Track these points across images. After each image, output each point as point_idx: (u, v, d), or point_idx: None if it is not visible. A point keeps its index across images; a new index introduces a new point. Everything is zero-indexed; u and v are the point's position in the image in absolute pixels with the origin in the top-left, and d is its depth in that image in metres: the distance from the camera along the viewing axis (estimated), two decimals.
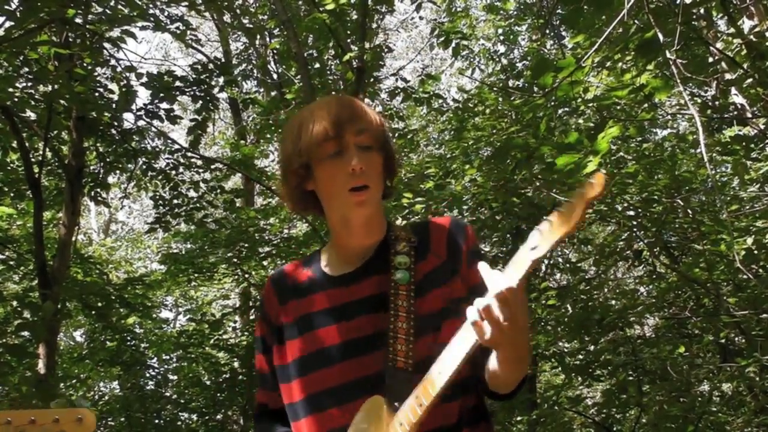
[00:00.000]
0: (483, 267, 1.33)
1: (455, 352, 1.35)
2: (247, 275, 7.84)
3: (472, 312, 1.31)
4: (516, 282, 1.28)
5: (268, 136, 9.57)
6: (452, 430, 1.47)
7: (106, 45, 6.20)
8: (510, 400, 1.59)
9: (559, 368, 6.62)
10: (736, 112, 5.30)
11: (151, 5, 6.12)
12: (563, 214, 1.26)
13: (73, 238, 6.84)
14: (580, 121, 6.43)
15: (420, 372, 1.41)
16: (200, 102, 7.03)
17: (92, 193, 7.26)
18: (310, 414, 1.53)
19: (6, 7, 4.65)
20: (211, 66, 7.40)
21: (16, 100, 5.34)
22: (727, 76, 4.94)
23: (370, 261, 1.59)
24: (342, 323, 1.54)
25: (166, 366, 8.72)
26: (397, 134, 8.86)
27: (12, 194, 7.35)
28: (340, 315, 1.55)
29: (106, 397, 9.55)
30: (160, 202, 7.46)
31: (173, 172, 7.39)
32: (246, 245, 7.20)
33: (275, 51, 9.88)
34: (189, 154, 7.45)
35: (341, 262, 1.61)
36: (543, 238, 1.27)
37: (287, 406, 1.58)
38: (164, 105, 6.67)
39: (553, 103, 4.30)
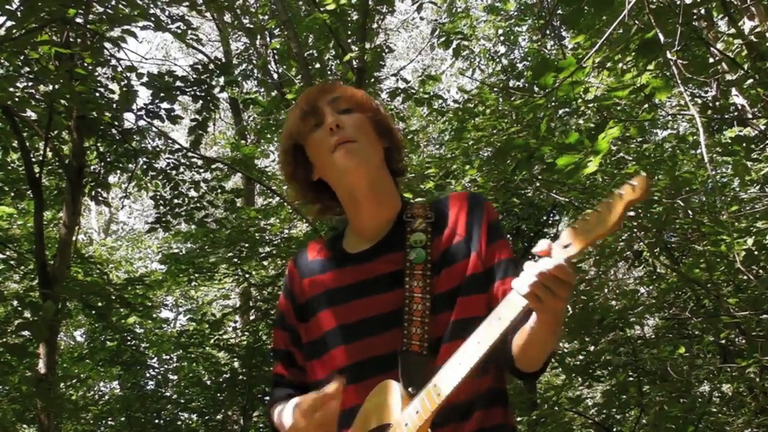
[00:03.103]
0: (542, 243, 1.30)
1: (478, 343, 1.32)
2: (247, 275, 7.83)
3: (529, 271, 1.27)
4: (564, 258, 1.26)
5: (269, 136, 9.56)
6: (462, 409, 1.45)
7: (107, 45, 6.21)
8: (535, 379, 1.57)
9: (560, 369, 6.61)
10: (736, 113, 5.30)
11: (151, 5, 6.12)
12: (600, 214, 1.23)
13: (74, 238, 6.84)
14: (581, 121, 6.43)
15: (435, 353, 1.41)
16: (201, 102, 7.03)
17: (93, 192, 7.26)
18: None
19: (7, 6, 4.65)
20: (211, 66, 7.41)
21: (16, 99, 5.33)
22: (728, 77, 4.94)
23: (386, 238, 1.58)
24: (357, 301, 1.53)
25: (166, 366, 8.71)
26: None
27: (12, 194, 7.36)
28: (356, 293, 1.54)
29: (106, 397, 9.55)
30: (161, 201, 7.46)
31: (174, 171, 7.39)
32: (246, 245, 7.19)
33: (276, 51, 9.87)
34: (189, 153, 7.45)
35: (359, 239, 1.61)
36: (576, 236, 1.24)
37: (312, 384, 1.57)
38: (165, 105, 6.67)
39: (553, 104, 4.30)
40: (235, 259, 7.36)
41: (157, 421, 7.80)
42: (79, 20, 5.84)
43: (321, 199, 1.65)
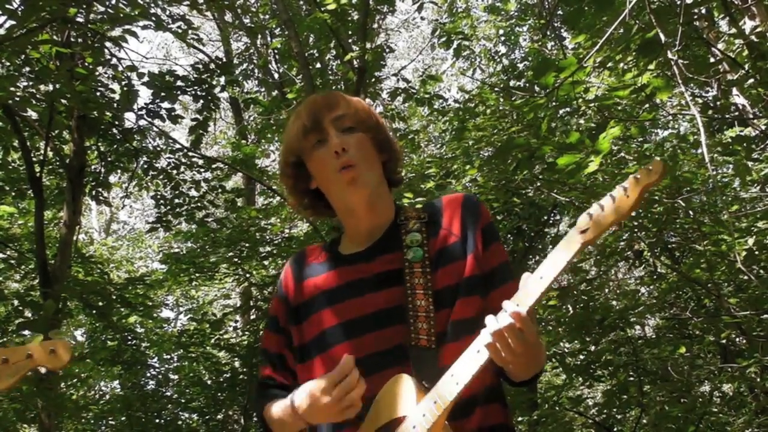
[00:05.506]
0: (524, 276, 1.34)
1: (475, 358, 1.36)
2: (248, 275, 7.83)
3: (485, 335, 1.33)
4: (527, 308, 1.30)
5: (269, 135, 9.57)
6: (463, 405, 1.45)
7: (108, 44, 6.21)
8: (526, 386, 1.60)
9: (560, 368, 6.61)
10: (737, 113, 5.30)
11: (152, 4, 6.12)
12: (616, 199, 1.23)
13: (74, 238, 6.84)
14: (582, 121, 6.43)
15: (440, 347, 1.45)
16: (201, 101, 7.03)
17: (93, 192, 7.27)
18: None
19: (7, 6, 4.65)
20: (212, 65, 7.41)
21: (17, 99, 5.34)
22: (729, 77, 4.94)
23: (381, 240, 1.61)
24: (356, 299, 1.56)
25: (166, 365, 8.72)
26: (398, 135, 8.86)
27: (13, 193, 7.36)
28: (355, 291, 1.56)
29: (107, 397, 9.56)
30: (161, 201, 7.46)
31: (174, 171, 7.39)
32: (247, 245, 7.20)
33: (276, 50, 9.88)
34: (190, 153, 7.45)
35: (354, 243, 1.64)
36: (594, 222, 1.25)
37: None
38: (165, 104, 6.68)
39: (554, 103, 4.29)
40: (236, 259, 7.36)
41: (157, 420, 7.81)
42: (79, 20, 5.85)
43: (317, 206, 1.70)
